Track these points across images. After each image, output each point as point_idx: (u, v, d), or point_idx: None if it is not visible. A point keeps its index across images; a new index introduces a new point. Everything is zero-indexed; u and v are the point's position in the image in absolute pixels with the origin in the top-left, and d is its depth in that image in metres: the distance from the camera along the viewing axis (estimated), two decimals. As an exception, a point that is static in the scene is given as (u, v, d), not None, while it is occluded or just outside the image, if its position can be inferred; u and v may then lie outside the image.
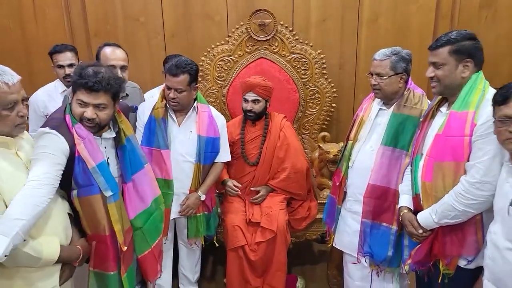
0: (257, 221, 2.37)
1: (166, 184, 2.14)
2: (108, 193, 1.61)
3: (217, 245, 2.47)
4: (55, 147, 1.49)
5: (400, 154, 1.88)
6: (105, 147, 1.70)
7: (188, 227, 2.27)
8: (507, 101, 1.36)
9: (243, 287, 2.39)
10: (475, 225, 1.59)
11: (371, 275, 2.04)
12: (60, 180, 1.49)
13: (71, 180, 1.57)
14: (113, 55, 2.19)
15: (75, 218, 1.62)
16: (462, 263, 1.62)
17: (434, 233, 1.68)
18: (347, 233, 2.09)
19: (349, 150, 2.05)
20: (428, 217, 1.65)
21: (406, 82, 1.95)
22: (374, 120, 1.99)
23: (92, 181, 1.58)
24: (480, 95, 1.59)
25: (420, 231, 1.69)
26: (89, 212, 1.60)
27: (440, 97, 1.77)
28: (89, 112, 1.57)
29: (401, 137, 1.88)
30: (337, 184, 2.10)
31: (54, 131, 1.51)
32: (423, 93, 1.96)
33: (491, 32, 2.88)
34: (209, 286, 2.70)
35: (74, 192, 1.58)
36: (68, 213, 1.59)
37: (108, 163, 1.68)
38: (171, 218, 2.23)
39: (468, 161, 1.55)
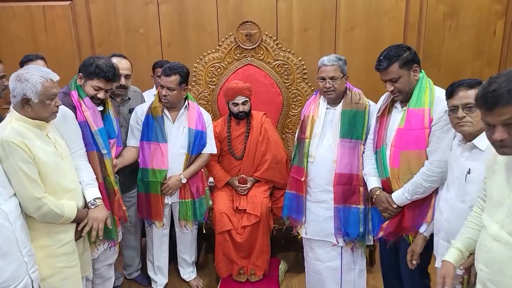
0: (244, 208, 2.67)
1: (154, 174, 2.44)
2: (104, 151, 2.06)
3: (204, 231, 2.74)
4: None
5: (356, 143, 2.20)
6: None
7: (179, 210, 2.56)
8: (453, 95, 1.67)
9: (230, 267, 2.69)
10: (430, 200, 1.91)
11: (341, 253, 2.32)
12: None
13: None
14: (119, 64, 2.47)
15: None
16: (422, 229, 1.92)
17: (401, 211, 1.99)
18: (316, 222, 2.33)
19: (307, 147, 2.29)
20: (401, 196, 1.95)
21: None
22: (325, 118, 2.27)
23: (91, 141, 2.02)
24: (429, 93, 1.92)
25: (395, 206, 1.99)
26: (94, 165, 2.01)
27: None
28: (102, 95, 2.07)
29: (354, 129, 2.20)
30: (302, 180, 2.31)
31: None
32: (360, 91, 2.30)
33: (455, 40, 3.21)
34: (206, 267, 3.00)
35: None
36: None
37: None
38: (165, 203, 2.52)
39: (427, 147, 1.88)
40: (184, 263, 2.81)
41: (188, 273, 2.81)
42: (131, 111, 2.54)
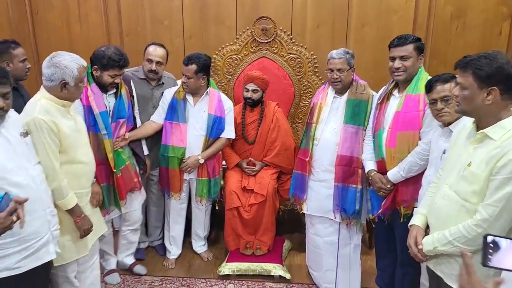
0: (251, 188, 2.90)
1: (173, 150, 2.74)
2: (104, 132, 2.32)
3: (217, 207, 3.00)
4: None
5: (358, 129, 2.40)
6: (109, 102, 2.42)
7: (196, 187, 2.84)
8: (431, 89, 1.91)
9: (237, 241, 2.92)
10: (421, 178, 2.10)
11: (339, 229, 2.53)
12: None
13: None
14: (154, 51, 2.79)
15: None
16: (416, 204, 2.11)
17: (395, 187, 2.20)
18: (317, 199, 2.54)
19: (313, 131, 2.50)
20: (396, 174, 2.17)
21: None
22: (331, 106, 2.49)
23: (92, 123, 2.30)
24: (425, 81, 2.11)
25: (389, 185, 2.20)
26: (95, 144, 2.28)
27: (392, 84, 2.28)
28: (118, 80, 2.37)
29: (357, 116, 2.41)
30: (306, 160, 2.53)
31: None
32: (365, 83, 2.50)
33: (461, 40, 3.35)
34: (216, 242, 3.26)
35: None
36: None
37: (110, 111, 2.41)
38: (184, 178, 2.81)
39: (421, 129, 2.09)
40: (197, 237, 3.06)
41: (199, 246, 3.07)
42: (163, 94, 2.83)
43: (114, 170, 2.38)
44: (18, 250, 1.66)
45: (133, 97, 2.62)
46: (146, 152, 2.75)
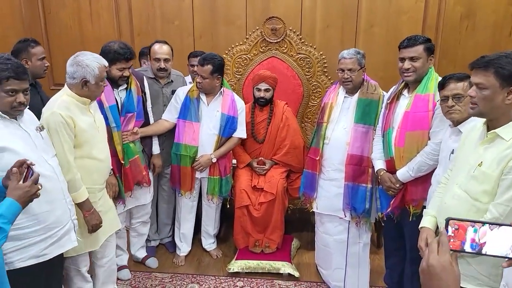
0: (261, 187, 2.93)
1: (185, 149, 2.77)
2: (113, 125, 2.37)
3: (228, 206, 3.03)
4: None
5: (369, 129, 2.42)
6: (121, 97, 2.48)
7: (207, 185, 2.87)
8: (444, 86, 1.92)
9: (246, 239, 2.95)
10: (430, 177, 2.11)
11: (348, 228, 2.55)
12: None
13: None
14: (160, 49, 2.83)
15: None
16: (425, 203, 2.12)
17: (404, 186, 2.21)
18: (327, 198, 2.56)
19: (324, 130, 2.52)
20: (405, 173, 2.18)
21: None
22: (342, 106, 2.50)
23: (105, 116, 2.31)
24: (435, 82, 2.15)
25: (398, 185, 2.22)
26: None
27: (402, 84, 2.30)
28: (127, 72, 2.42)
29: (368, 116, 2.43)
30: (317, 159, 2.55)
31: None
32: (376, 83, 2.52)
33: (471, 40, 3.36)
34: (225, 240, 3.28)
35: None
36: None
37: (118, 105, 2.45)
38: (196, 177, 2.84)
39: (430, 129, 2.10)
40: (207, 235, 3.10)
41: (209, 243, 3.10)
42: (173, 92, 2.87)
43: (123, 162, 2.43)
44: (44, 238, 1.73)
45: (144, 93, 2.66)
46: (157, 151, 2.78)
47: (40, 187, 1.47)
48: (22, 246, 1.66)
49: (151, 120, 2.75)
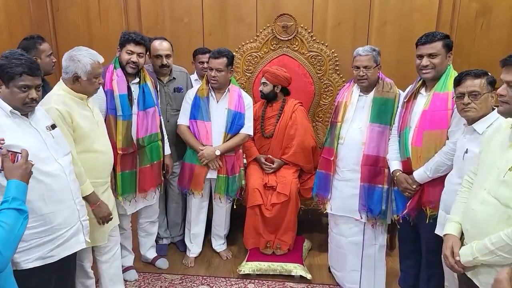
0: (273, 186, 2.87)
1: None
2: (119, 113, 2.35)
3: (235, 207, 2.97)
4: None
5: (385, 128, 2.36)
6: (133, 91, 2.45)
7: (216, 184, 2.82)
8: (460, 83, 1.85)
9: (257, 240, 2.90)
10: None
11: (364, 229, 2.49)
12: None
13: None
14: (160, 46, 2.79)
15: None
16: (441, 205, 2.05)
17: (421, 188, 2.15)
18: (341, 198, 2.50)
19: (338, 130, 2.46)
20: (423, 174, 2.11)
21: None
22: (357, 104, 2.44)
23: (113, 106, 2.34)
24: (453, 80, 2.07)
25: (414, 186, 2.15)
26: (108, 126, 2.29)
27: (420, 82, 2.24)
28: (135, 57, 2.38)
29: (383, 115, 2.36)
30: (331, 159, 2.48)
31: None
32: (391, 81, 2.45)
33: (486, 38, 3.28)
34: (236, 241, 3.22)
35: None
36: None
37: (132, 98, 2.43)
38: (206, 177, 2.80)
39: (449, 128, 2.03)
40: (216, 236, 3.05)
41: (219, 244, 3.05)
42: (175, 89, 2.82)
43: (120, 152, 2.36)
44: (51, 239, 1.69)
45: (157, 90, 2.64)
46: (169, 151, 2.74)
47: (32, 163, 1.45)
48: (28, 247, 1.63)
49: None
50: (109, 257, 2.30)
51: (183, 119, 2.79)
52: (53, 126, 1.79)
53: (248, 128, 2.83)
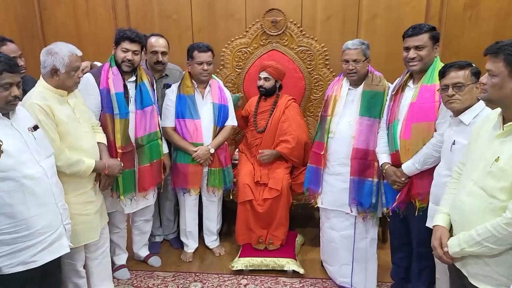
0: (265, 183, 2.87)
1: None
2: (116, 111, 2.34)
3: (231, 197, 2.98)
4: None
5: (374, 122, 2.36)
6: (129, 89, 2.43)
7: (208, 178, 2.82)
8: (444, 75, 1.87)
9: (249, 235, 2.90)
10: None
11: (355, 223, 2.49)
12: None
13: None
14: (156, 42, 2.80)
15: None
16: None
17: (409, 180, 2.16)
18: (332, 192, 2.51)
19: (328, 124, 2.46)
20: (411, 166, 2.12)
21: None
22: (346, 98, 2.44)
23: (110, 104, 2.32)
24: None
25: (403, 178, 2.16)
26: (104, 125, 2.33)
27: (407, 75, 2.24)
28: (130, 55, 2.36)
29: (373, 108, 2.36)
30: (321, 153, 2.49)
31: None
32: (381, 74, 2.46)
33: (475, 30, 3.29)
34: (228, 237, 3.22)
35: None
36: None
37: (129, 96, 2.42)
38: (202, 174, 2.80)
39: (436, 120, 2.04)
40: (209, 232, 3.05)
41: (211, 241, 3.05)
42: (165, 86, 2.82)
43: (119, 151, 2.36)
44: (33, 243, 1.67)
45: (153, 89, 2.63)
46: (166, 150, 2.74)
47: (1, 143, 1.44)
48: (10, 251, 1.61)
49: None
50: (99, 254, 2.31)
51: (168, 121, 2.77)
52: (35, 127, 1.76)
53: (232, 119, 2.88)
